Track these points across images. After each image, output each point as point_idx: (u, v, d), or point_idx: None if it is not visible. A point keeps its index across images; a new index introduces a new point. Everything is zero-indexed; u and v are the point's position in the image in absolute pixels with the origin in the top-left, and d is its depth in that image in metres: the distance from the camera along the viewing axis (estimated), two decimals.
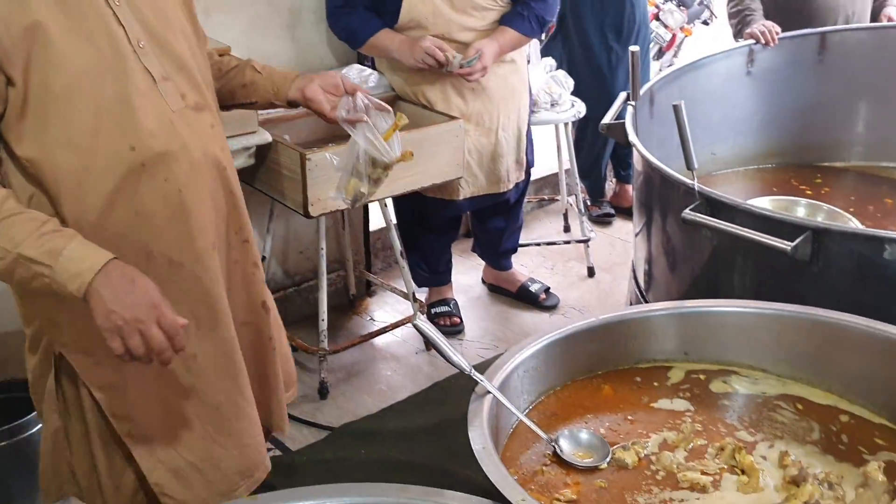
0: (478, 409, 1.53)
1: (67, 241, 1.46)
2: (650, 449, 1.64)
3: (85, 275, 1.43)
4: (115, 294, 1.43)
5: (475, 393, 1.57)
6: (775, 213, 2.10)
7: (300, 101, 1.91)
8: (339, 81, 1.90)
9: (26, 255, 1.44)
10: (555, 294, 3.73)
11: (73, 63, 1.53)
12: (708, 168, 3.27)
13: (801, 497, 1.47)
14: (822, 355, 1.78)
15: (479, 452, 1.38)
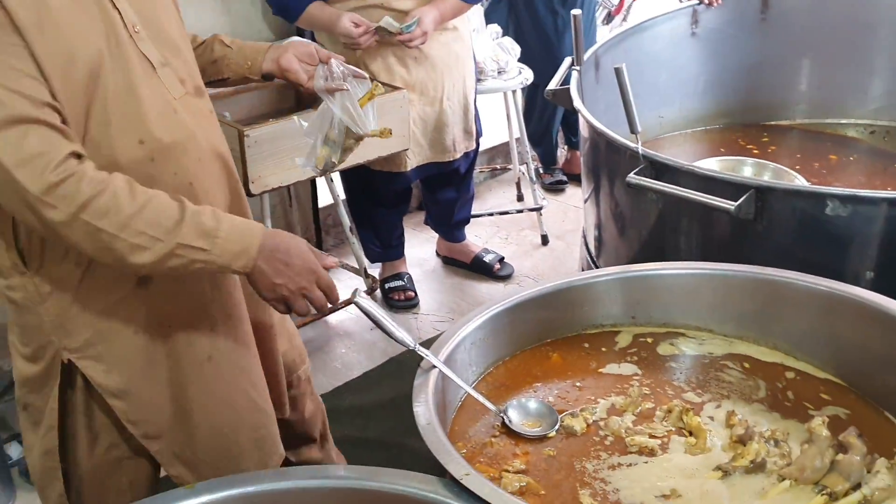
0: (423, 385, 1.50)
1: (218, 222, 1.43)
2: (598, 415, 1.63)
3: (249, 252, 1.44)
4: (277, 268, 1.47)
5: (420, 368, 1.55)
6: (718, 174, 2.10)
7: (276, 73, 1.84)
8: (313, 50, 1.85)
9: (185, 242, 1.39)
10: (509, 264, 3.72)
11: (81, 51, 1.41)
12: (656, 131, 3.27)
13: (748, 456, 1.47)
14: (766, 313, 1.78)
15: (424, 428, 1.36)
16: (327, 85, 1.82)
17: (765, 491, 1.42)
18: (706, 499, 1.41)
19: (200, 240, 1.40)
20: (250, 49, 1.85)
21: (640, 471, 1.48)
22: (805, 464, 1.43)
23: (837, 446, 1.46)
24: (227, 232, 1.43)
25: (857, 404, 1.63)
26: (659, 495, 1.42)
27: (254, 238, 1.46)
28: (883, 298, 1.63)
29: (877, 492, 1.36)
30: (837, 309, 1.69)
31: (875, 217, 1.92)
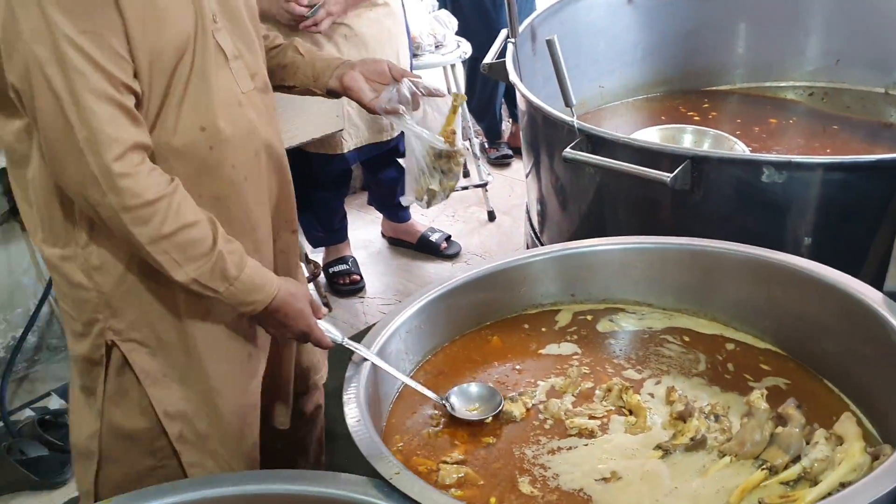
0: (354, 379, 1.45)
1: (240, 270, 1.46)
2: (538, 398, 1.60)
3: (255, 306, 1.51)
4: (273, 323, 1.58)
5: (352, 361, 1.50)
6: (654, 145, 2.07)
7: (338, 91, 1.77)
8: (385, 68, 1.75)
9: (201, 280, 1.43)
10: (456, 242, 3.68)
11: (173, 34, 1.39)
12: (596, 102, 3.23)
13: (688, 433, 1.45)
14: (705, 285, 1.77)
15: (353, 427, 1.31)
16: (387, 106, 1.72)
17: (705, 468, 1.40)
18: (647, 479, 1.39)
19: (217, 282, 1.44)
20: (321, 62, 1.78)
21: (580, 454, 1.45)
22: (745, 438, 1.42)
23: (777, 419, 1.45)
24: (244, 283, 1.47)
25: (796, 373, 1.62)
26: (599, 478, 1.40)
27: (266, 296, 1.51)
28: (818, 266, 1.61)
29: (816, 463, 1.34)
30: (774, 278, 1.67)
31: (811, 182, 1.90)
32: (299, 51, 1.79)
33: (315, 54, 1.80)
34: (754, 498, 1.33)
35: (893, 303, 1.46)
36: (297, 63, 1.77)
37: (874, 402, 1.47)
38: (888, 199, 1.79)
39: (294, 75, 1.78)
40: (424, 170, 1.73)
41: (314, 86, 1.77)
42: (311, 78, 1.77)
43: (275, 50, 1.79)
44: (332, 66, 1.76)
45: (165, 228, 1.36)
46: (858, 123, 2.94)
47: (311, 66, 1.77)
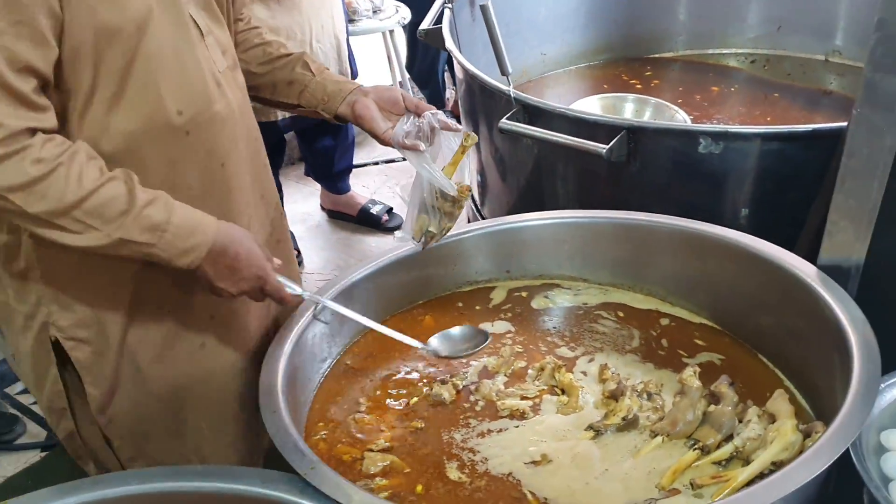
0: (272, 365, 1.39)
1: (169, 214, 1.29)
2: (469, 379, 1.55)
3: (196, 251, 1.32)
4: (221, 272, 1.36)
5: (269, 352, 1.42)
6: (590, 115, 2.01)
7: (349, 118, 1.63)
8: (398, 97, 1.62)
9: (127, 237, 1.26)
10: (398, 214, 3.60)
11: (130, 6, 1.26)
12: (539, 69, 3.16)
13: (620, 412, 1.42)
14: (640, 259, 1.73)
15: (269, 419, 1.25)
16: (405, 141, 1.58)
17: (637, 449, 1.36)
18: (577, 462, 1.35)
19: (146, 234, 1.28)
20: (333, 84, 1.64)
21: (511, 436, 1.41)
22: (677, 417, 1.39)
23: (710, 396, 1.42)
24: (178, 227, 1.30)
25: (731, 348, 1.59)
26: (529, 462, 1.36)
27: (205, 236, 1.33)
28: (753, 239, 1.58)
29: (748, 442, 1.32)
30: (709, 252, 1.64)
31: (748, 153, 1.87)
32: (310, 67, 1.64)
33: (326, 74, 1.65)
34: (686, 478, 1.30)
35: (827, 277, 1.43)
36: (306, 82, 1.63)
37: (807, 377, 1.45)
38: (824, 169, 1.77)
39: (300, 94, 1.64)
40: (428, 210, 1.62)
41: (322, 108, 1.64)
42: (321, 100, 1.63)
43: (281, 61, 1.65)
44: (344, 91, 1.63)
45: (69, 197, 1.22)
46: (799, 91, 2.93)
47: (322, 87, 1.63)
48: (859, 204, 1.38)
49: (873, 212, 1.38)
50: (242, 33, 1.65)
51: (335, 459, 1.38)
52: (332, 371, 1.55)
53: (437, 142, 1.59)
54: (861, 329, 1.29)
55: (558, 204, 2.15)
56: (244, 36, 1.65)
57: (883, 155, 1.33)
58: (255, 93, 1.64)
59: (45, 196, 1.21)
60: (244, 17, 1.67)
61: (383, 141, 1.61)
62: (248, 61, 1.63)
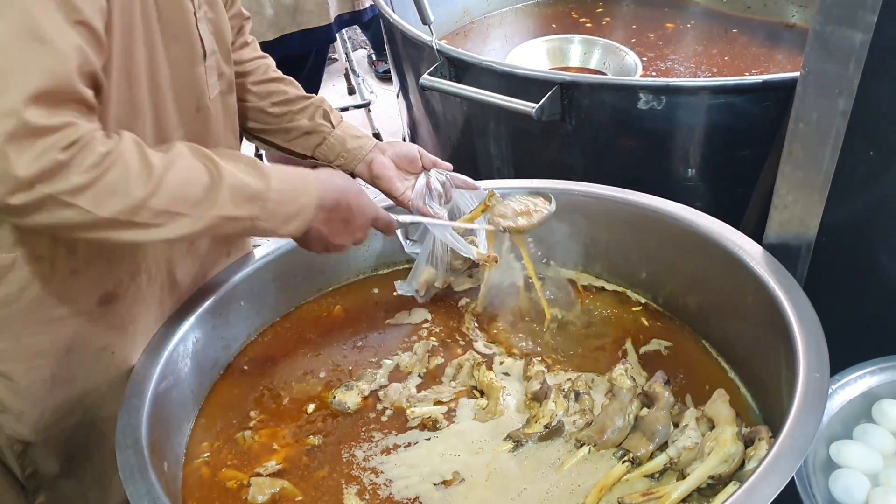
0: (140, 384, 1.20)
1: (266, 180, 1.12)
2: (379, 382, 1.38)
3: (303, 215, 1.17)
4: (337, 228, 1.24)
5: (137, 368, 1.24)
6: (519, 70, 1.80)
7: (366, 179, 1.50)
8: (416, 155, 1.49)
9: (224, 213, 1.08)
10: None
11: None
12: (482, 9, 2.93)
13: (542, 419, 1.25)
14: (573, 233, 1.54)
15: (122, 458, 1.06)
16: (423, 207, 1.46)
17: (560, 462, 1.20)
18: (493, 480, 1.19)
19: (242, 208, 1.10)
20: (352, 140, 1.49)
21: (420, 452, 1.24)
22: (605, 424, 1.23)
23: (643, 397, 1.26)
24: (278, 192, 1.13)
25: (674, 334, 1.43)
26: (439, 482, 1.19)
27: (309, 196, 1.18)
28: (692, 212, 1.41)
29: (683, 452, 1.16)
30: (646, 226, 1.47)
31: (694, 107, 1.68)
32: (329, 117, 1.49)
33: (346, 128, 1.50)
34: (614, 496, 1.14)
35: (773, 259, 1.26)
36: (325, 134, 1.48)
37: (753, 371, 1.29)
38: (779, 123, 1.58)
39: (316, 147, 1.49)
40: (439, 268, 1.52)
41: (337, 164, 1.49)
42: (338, 156, 1.48)
43: (298, 104, 1.48)
44: (364, 148, 1.48)
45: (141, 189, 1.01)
46: (759, 25, 2.73)
47: (342, 143, 1.48)
48: (809, 175, 1.20)
49: (825, 184, 1.19)
50: (251, 62, 1.45)
51: (219, 487, 1.21)
52: (223, 378, 1.38)
53: (455, 202, 1.50)
54: (809, 326, 1.12)
55: (491, 163, 1.95)
56: (254, 65, 1.46)
57: (835, 120, 1.14)
58: (264, 136, 1.49)
59: (116, 191, 0.99)
60: (250, 40, 1.47)
61: (400, 203, 1.48)
62: (260, 96, 1.46)
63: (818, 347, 1.10)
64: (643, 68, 2.31)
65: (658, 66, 2.44)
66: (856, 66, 1.09)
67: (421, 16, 1.85)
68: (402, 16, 2.13)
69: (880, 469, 1.09)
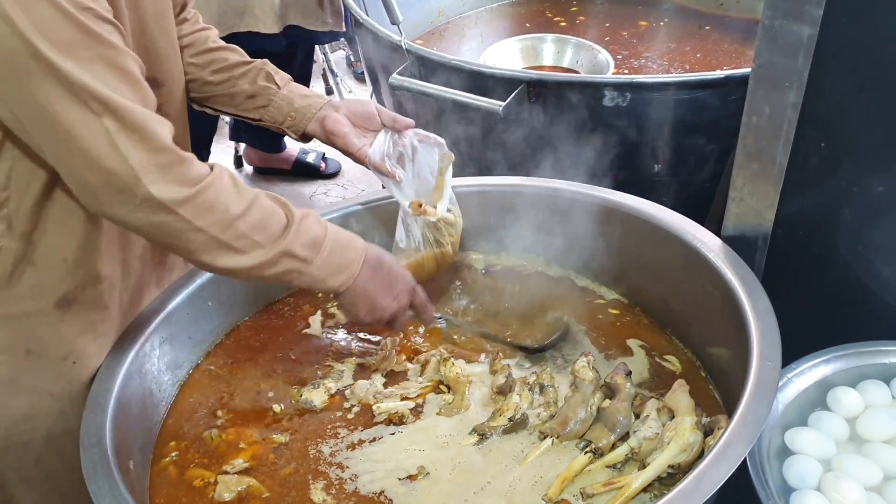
0: (106, 383, 1.21)
1: (324, 229, 1.21)
2: (345, 381, 1.39)
3: (351, 268, 1.23)
4: (381, 288, 1.28)
5: (103, 366, 1.24)
6: (486, 68, 1.82)
7: (319, 136, 1.48)
8: (373, 111, 1.48)
9: (291, 250, 1.16)
10: (333, 159, 3.42)
11: None
12: (457, 8, 2.94)
13: (506, 412, 1.27)
14: (541, 228, 1.56)
15: (86, 457, 1.07)
16: (381, 164, 1.44)
17: (524, 455, 1.22)
18: (457, 474, 1.20)
19: (306, 249, 1.18)
20: (300, 99, 1.47)
21: (385, 447, 1.26)
22: (568, 416, 1.24)
23: (606, 388, 1.28)
24: (333, 242, 1.21)
25: (641, 328, 1.45)
26: (404, 476, 1.21)
27: (357, 251, 1.24)
28: (653, 206, 1.43)
29: (644, 443, 1.18)
30: (610, 220, 1.48)
31: (658, 103, 1.70)
32: (274, 79, 1.46)
33: (292, 87, 1.48)
34: (577, 487, 1.16)
35: (730, 250, 1.28)
36: (270, 95, 1.46)
37: (715, 362, 1.31)
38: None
39: (264, 109, 1.47)
40: (418, 247, 1.50)
41: (287, 126, 1.48)
42: (287, 116, 1.47)
43: (239, 69, 1.46)
44: (313, 106, 1.46)
45: (234, 207, 1.11)
46: (732, 22, 2.75)
47: (289, 102, 1.46)
48: (763, 168, 1.22)
49: (779, 176, 1.21)
50: (191, 35, 1.44)
51: (186, 485, 1.22)
52: (190, 378, 1.39)
53: (417, 159, 1.48)
54: (763, 316, 1.14)
55: (462, 164, 1.97)
56: (194, 38, 1.44)
57: (787, 112, 1.16)
58: (208, 103, 1.48)
59: (214, 206, 1.09)
60: (191, 15, 1.46)
61: (358, 159, 1.48)
62: (200, 66, 1.44)
63: (771, 337, 1.11)
64: (617, 66, 2.33)
65: (631, 64, 2.46)
66: (804, 59, 1.10)
67: (389, 16, 1.87)
68: (374, 17, 2.14)
69: (833, 455, 1.11)
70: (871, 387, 1.19)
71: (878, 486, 1.08)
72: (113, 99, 1.01)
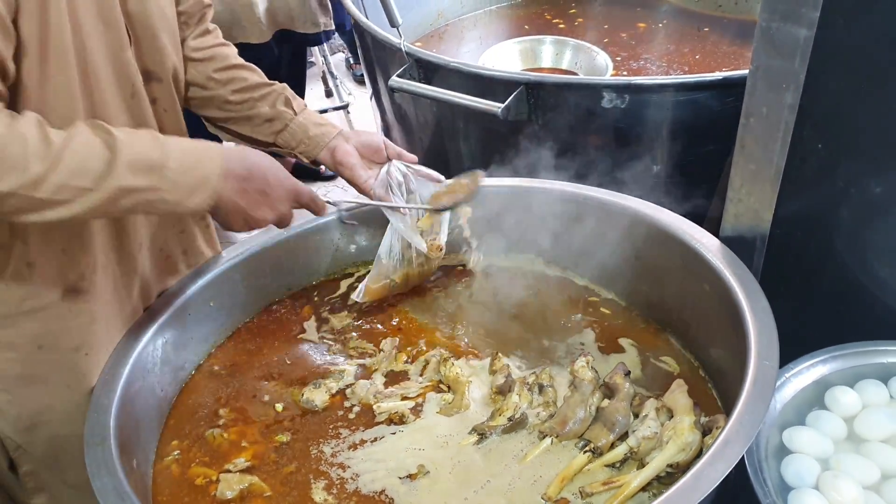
0: (108, 388, 1.22)
1: (164, 150, 1.12)
2: (346, 380, 1.40)
3: (207, 185, 1.14)
4: (255, 200, 1.21)
5: (106, 367, 1.25)
6: (485, 71, 1.83)
7: (328, 165, 1.49)
8: (380, 145, 1.50)
9: (125, 184, 1.07)
10: None
11: None
12: (457, 11, 2.96)
13: (506, 411, 1.27)
14: (540, 229, 1.57)
15: (90, 454, 1.08)
16: (384, 195, 1.47)
17: (523, 454, 1.23)
18: (457, 473, 1.21)
19: (142, 177, 1.09)
20: (315, 128, 1.48)
21: (386, 446, 1.27)
22: (567, 415, 1.25)
23: (605, 388, 1.29)
24: (178, 161, 1.12)
25: (638, 329, 1.46)
26: (404, 475, 1.21)
27: (212, 163, 1.16)
28: (653, 207, 1.43)
29: (643, 442, 1.19)
30: (608, 221, 1.48)
31: (657, 105, 1.71)
32: (291, 104, 1.48)
33: (307, 114, 1.49)
34: (576, 486, 1.17)
35: (729, 251, 1.28)
36: (287, 121, 1.47)
37: (713, 363, 1.32)
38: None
39: (279, 134, 1.48)
40: (396, 265, 1.52)
41: (299, 151, 1.49)
42: (300, 143, 1.48)
43: (260, 91, 1.47)
44: (327, 136, 1.48)
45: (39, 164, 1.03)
46: (730, 23, 2.76)
47: (303, 130, 1.48)
48: (761, 168, 1.23)
49: (777, 177, 1.22)
50: (212, 48, 1.45)
51: (188, 484, 1.23)
52: (192, 378, 1.40)
53: (417, 193, 1.51)
54: (761, 316, 1.15)
55: (461, 161, 1.98)
56: (215, 52, 1.45)
57: (784, 113, 1.17)
58: (227, 125, 1.49)
59: (13, 167, 1.01)
60: (212, 28, 1.47)
61: (363, 190, 1.49)
62: (221, 83, 1.45)
63: (769, 336, 1.12)
64: (616, 68, 2.34)
65: (630, 66, 2.47)
66: (801, 60, 1.11)
67: (389, 19, 1.87)
68: (374, 20, 2.15)
69: (831, 454, 1.12)
70: (868, 386, 1.19)
71: (876, 484, 1.09)
72: None
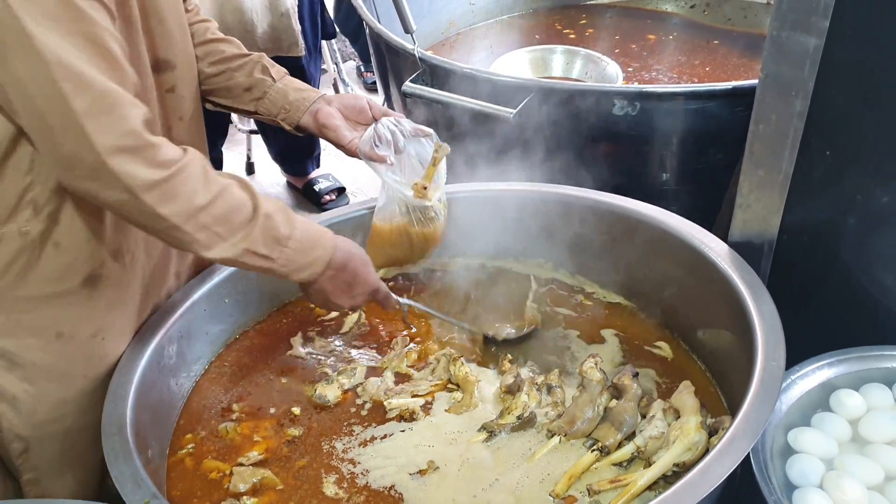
0: (124, 380, 1.24)
1: (291, 228, 1.22)
2: (358, 378, 1.42)
3: (314, 267, 1.26)
4: (339, 287, 1.32)
5: (122, 361, 1.28)
6: (497, 76, 1.85)
7: (311, 129, 1.51)
8: (365, 105, 1.51)
9: (252, 248, 1.19)
10: (348, 196, 3.37)
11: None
12: (467, 20, 2.98)
13: (515, 410, 1.29)
14: (548, 233, 1.59)
15: (108, 444, 1.11)
16: (370, 152, 1.48)
17: (532, 452, 1.25)
18: (466, 470, 1.23)
19: (268, 247, 1.20)
20: (295, 92, 1.49)
21: (397, 443, 1.29)
22: (575, 415, 1.27)
23: (613, 389, 1.31)
24: (299, 242, 1.24)
25: (646, 330, 1.48)
26: (414, 472, 1.23)
27: (324, 251, 1.27)
28: (662, 212, 1.46)
29: (650, 441, 1.20)
30: (618, 226, 1.51)
31: (667, 113, 1.73)
32: (269, 72, 1.49)
33: (287, 80, 1.50)
34: (583, 484, 1.18)
35: (737, 256, 1.31)
36: (265, 88, 1.49)
37: (720, 365, 1.34)
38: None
39: (259, 101, 1.49)
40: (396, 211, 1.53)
41: (282, 118, 1.49)
42: (281, 109, 1.49)
43: (236, 62, 1.48)
44: (307, 100, 1.49)
45: (199, 198, 1.12)
46: (739, 36, 2.78)
47: (283, 95, 1.49)
48: (769, 175, 1.25)
49: (785, 183, 1.24)
50: (192, 25, 1.46)
51: (201, 477, 1.25)
52: (206, 373, 1.42)
53: (407, 150, 1.51)
54: (768, 319, 1.17)
55: (474, 171, 2.00)
56: (194, 28, 1.47)
57: (793, 120, 1.19)
58: (209, 97, 1.50)
59: (178, 195, 1.10)
60: (192, 6, 1.49)
61: (349, 151, 1.50)
62: (199, 57, 1.46)
63: (776, 339, 1.14)
64: (626, 78, 2.37)
65: (641, 76, 2.50)
66: (811, 69, 1.14)
67: (403, 25, 1.90)
68: (387, 26, 2.18)
69: (835, 454, 1.13)
70: (873, 390, 1.21)
71: (880, 485, 1.11)
72: (88, 76, 1.02)
